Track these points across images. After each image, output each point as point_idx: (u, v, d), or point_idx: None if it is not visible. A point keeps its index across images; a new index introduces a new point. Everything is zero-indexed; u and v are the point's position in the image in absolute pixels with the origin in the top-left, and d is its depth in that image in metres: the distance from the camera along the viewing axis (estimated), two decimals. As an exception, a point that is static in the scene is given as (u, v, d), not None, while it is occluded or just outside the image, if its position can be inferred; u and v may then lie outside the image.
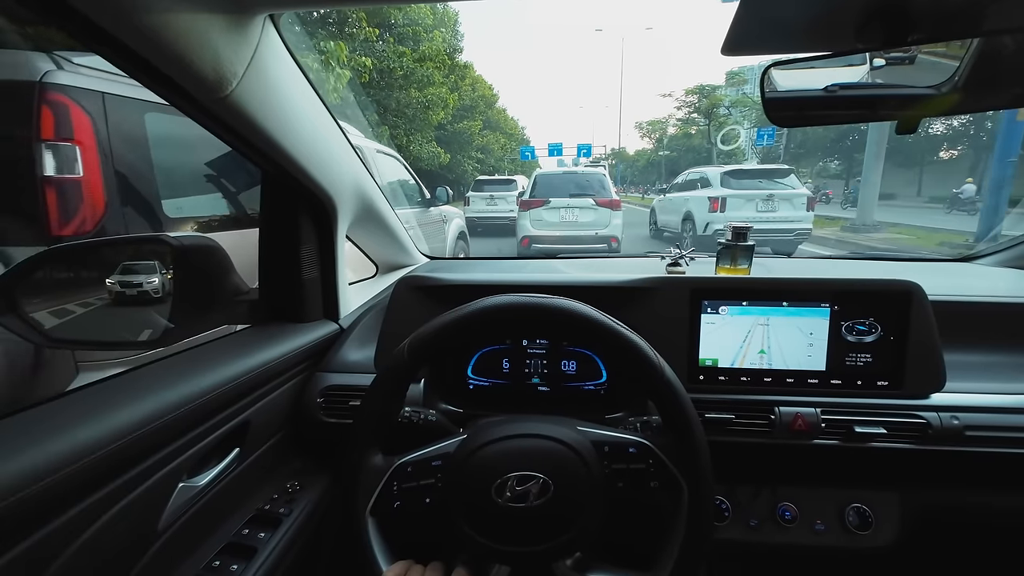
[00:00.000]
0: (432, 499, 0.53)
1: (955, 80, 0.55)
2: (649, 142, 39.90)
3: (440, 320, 0.56)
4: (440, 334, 0.56)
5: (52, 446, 0.42)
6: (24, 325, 0.72)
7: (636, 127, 38.78)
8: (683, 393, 0.53)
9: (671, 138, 34.93)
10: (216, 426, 0.63)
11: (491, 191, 9.91)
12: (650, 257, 1.28)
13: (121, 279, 0.94)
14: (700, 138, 29.21)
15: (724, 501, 0.79)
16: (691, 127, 31.31)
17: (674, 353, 0.76)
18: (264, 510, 0.71)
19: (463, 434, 0.56)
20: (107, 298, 0.93)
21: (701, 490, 0.51)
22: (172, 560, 0.59)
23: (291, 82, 0.68)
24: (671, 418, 0.53)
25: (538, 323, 0.56)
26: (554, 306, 0.55)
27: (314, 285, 0.90)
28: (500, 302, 0.56)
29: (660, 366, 0.53)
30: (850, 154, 24.41)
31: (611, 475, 0.53)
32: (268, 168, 0.75)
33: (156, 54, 0.48)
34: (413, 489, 0.53)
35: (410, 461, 0.55)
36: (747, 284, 0.78)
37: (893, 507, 0.77)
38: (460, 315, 0.56)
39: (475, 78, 25.58)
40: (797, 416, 0.72)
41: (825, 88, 0.61)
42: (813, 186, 18.12)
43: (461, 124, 23.51)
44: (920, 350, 0.73)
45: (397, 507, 0.53)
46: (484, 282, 0.87)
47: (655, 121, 37.05)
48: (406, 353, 0.55)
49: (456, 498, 0.52)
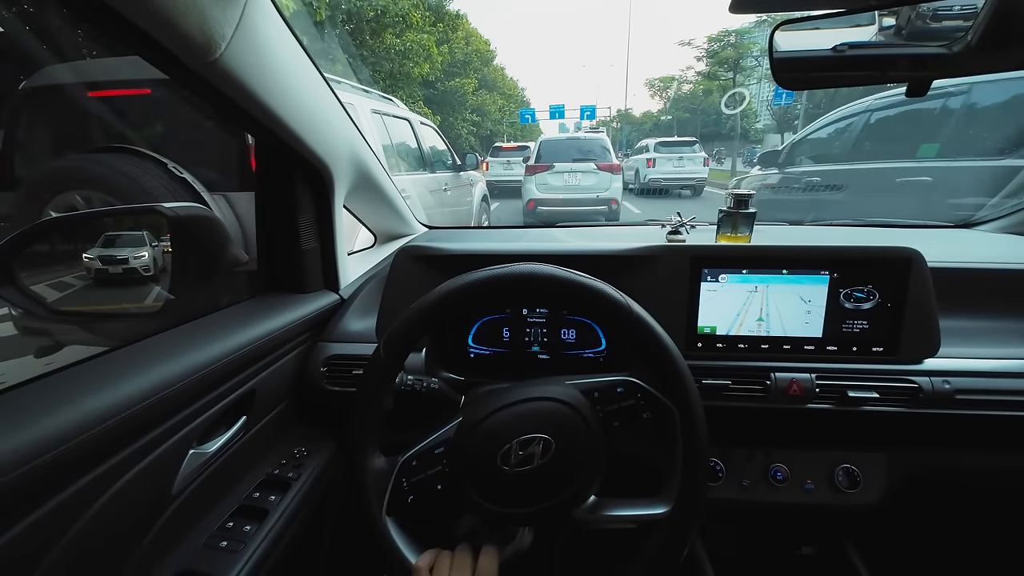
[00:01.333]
0: (443, 485, 0.54)
1: (967, 40, 0.53)
2: (660, 101, 35.88)
3: (407, 313, 0.57)
4: (409, 326, 0.56)
5: (65, 415, 0.43)
6: (24, 297, 0.72)
7: (647, 84, 35.20)
8: (654, 324, 0.54)
9: (685, 96, 30.71)
10: (223, 395, 0.64)
11: (507, 157, 11.22)
12: (650, 225, 1.27)
13: (102, 253, 0.84)
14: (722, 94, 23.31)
15: (718, 463, 0.82)
16: (712, 82, 26.33)
17: (673, 321, 0.77)
18: (273, 475, 0.73)
19: (458, 417, 0.57)
20: (86, 277, 0.83)
21: (691, 407, 0.52)
22: (188, 521, 0.61)
23: (281, 43, 0.65)
24: (647, 349, 0.54)
25: (501, 293, 0.56)
26: (510, 274, 0.55)
27: (313, 255, 0.90)
28: (453, 287, 0.56)
29: (627, 304, 0.54)
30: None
31: (606, 418, 0.55)
32: (262, 136, 0.73)
33: (142, 16, 0.46)
34: (422, 481, 0.54)
35: (414, 455, 0.56)
36: (748, 252, 0.78)
37: (881, 467, 0.79)
38: (424, 305, 0.56)
39: (469, 31, 23.21)
40: (792, 382, 0.74)
41: (833, 48, 0.59)
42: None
43: (453, 82, 21.21)
44: (916, 316, 0.74)
45: (411, 501, 0.54)
46: (484, 251, 0.87)
47: (668, 78, 33.29)
48: (382, 352, 0.56)
49: (466, 477, 0.53)
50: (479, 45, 25.03)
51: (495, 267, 0.56)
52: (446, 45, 18.44)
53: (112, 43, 0.51)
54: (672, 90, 33.05)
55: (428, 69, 14.80)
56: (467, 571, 0.51)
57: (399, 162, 3.40)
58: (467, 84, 22.09)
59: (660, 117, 37.58)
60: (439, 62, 16.52)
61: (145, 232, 0.87)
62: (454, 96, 21.63)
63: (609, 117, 39.59)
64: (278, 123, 0.69)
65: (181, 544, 0.60)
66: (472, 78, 23.30)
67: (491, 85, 28.18)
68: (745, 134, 28.29)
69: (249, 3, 0.55)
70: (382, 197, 1.18)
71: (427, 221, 1.48)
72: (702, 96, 27.56)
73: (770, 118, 25.54)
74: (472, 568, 0.51)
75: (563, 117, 25.17)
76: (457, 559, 0.52)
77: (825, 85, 0.69)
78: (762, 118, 26.61)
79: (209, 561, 0.58)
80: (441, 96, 20.98)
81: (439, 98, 20.90)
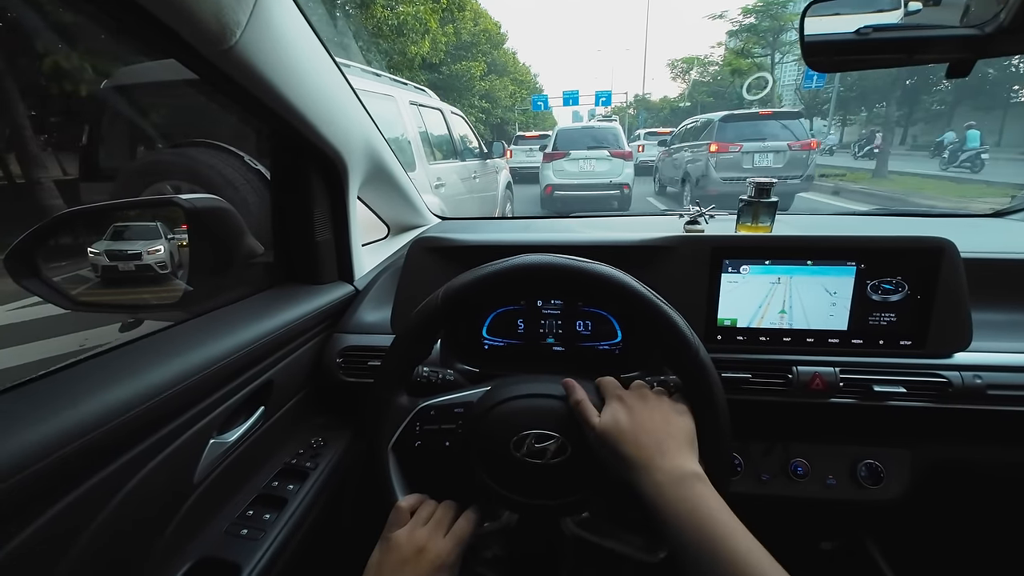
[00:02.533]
0: (451, 443, 0.55)
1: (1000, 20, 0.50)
2: (682, 84, 32.51)
3: (479, 271, 0.56)
4: (476, 285, 0.56)
5: (92, 404, 0.44)
6: (47, 288, 0.73)
7: (669, 65, 31.69)
8: (678, 317, 0.52)
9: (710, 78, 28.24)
10: (241, 385, 0.64)
11: (529, 145, 11.86)
12: (668, 215, 1.25)
13: (110, 247, 0.77)
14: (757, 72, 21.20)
15: (736, 456, 0.80)
16: (744, 60, 22.70)
17: (692, 313, 0.75)
18: (291, 464, 0.74)
19: (487, 386, 0.58)
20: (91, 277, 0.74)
21: (714, 401, 0.51)
22: (210, 509, 0.62)
23: (296, 32, 0.64)
24: (669, 343, 0.53)
25: (576, 287, 0.55)
26: (601, 273, 0.53)
27: (328, 247, 0.90)
28: (543, 261, 0.55)
29: (711, 373, 0.52)
30: (913, 98, 21.21)
31: None
32: (276, 126, 0.73)
33: (157, 4, 0.46)
34: (434, 432, 0.56)
35: (434, 405, 0.57)
36: (770, 242, 0.75)
37: (905, 462, 0.77)
38: (499, 268, 0.55)
39: (477, 10, 21.34)
40: (815, 375, 0.72)
41: (856, 31, 0.57)
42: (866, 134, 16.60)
43: (459, 65, 19.54)
44: (947, 309, 0.71)
45: (418, 446, 0.56)
46: (499, 242, 0.86)
47: (691, 58, 29.94)
48: (440, 299, 0.56)
49: (475, 445, 0.54)
50: (488, 25, 22.95)
51: (585, 261, 0.55)
52: (451, 25, 16.74)
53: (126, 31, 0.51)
54: (695, 72, 30.32)
55: (429, 48, 13.00)
56: (443, 527, 0.52)
57: (434, 151, 3.51)
58: (474, 68, 20.32)
59: (677, 103, 35.55)
60: (443, 43, 15.23)
61: (158, 223, 0.85)
62: (460, 80, 20.05)
63: (626, 103, 37.95)
64: (293, 113, 0.69)
65: (203, 531, 0.60)
66: (480, 61, 21.44)
67: (501, 70, 26.21)
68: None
69: None
70: (396, 188, 1.17)
71: (458, 208, 1.49)
72: (730, 77, 24.45)
73: (799, 102, 23.82)
74: (448, 525, 0.52)
75: (577, 103, 24.28)
76: (439, 511, 0.53)
77: (850, 68, 0.67)
78: (786, 103, 24.97)
79: (230, 548, 0.59)
80: (446, 80, 19.26)
81: (444, 83, 18.96)
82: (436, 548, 0.49)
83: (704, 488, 0.44)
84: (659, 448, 0.46)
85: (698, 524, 0.41)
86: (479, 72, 20.75)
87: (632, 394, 0.52)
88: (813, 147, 6.50)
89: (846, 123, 26.55)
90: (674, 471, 0.45)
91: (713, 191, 6.41)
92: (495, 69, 24.73)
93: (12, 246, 0.71)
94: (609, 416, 0.50)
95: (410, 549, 0.49)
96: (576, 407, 0.52)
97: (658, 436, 0.48)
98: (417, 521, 0.52)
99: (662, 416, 0.50)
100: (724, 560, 0.39)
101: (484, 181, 4.51)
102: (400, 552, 0.48)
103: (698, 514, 0.42)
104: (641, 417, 0.49)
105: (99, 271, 0.76)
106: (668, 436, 0.48)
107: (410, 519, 0.52)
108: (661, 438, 0.47)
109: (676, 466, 0.45)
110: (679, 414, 0.51)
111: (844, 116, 25.17)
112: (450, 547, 0.50)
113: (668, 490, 0.44)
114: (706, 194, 6.42)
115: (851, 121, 25.74)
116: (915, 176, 11.67)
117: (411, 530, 0.51)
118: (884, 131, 14.09)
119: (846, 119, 26.11)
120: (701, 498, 0.43)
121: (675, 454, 0.46)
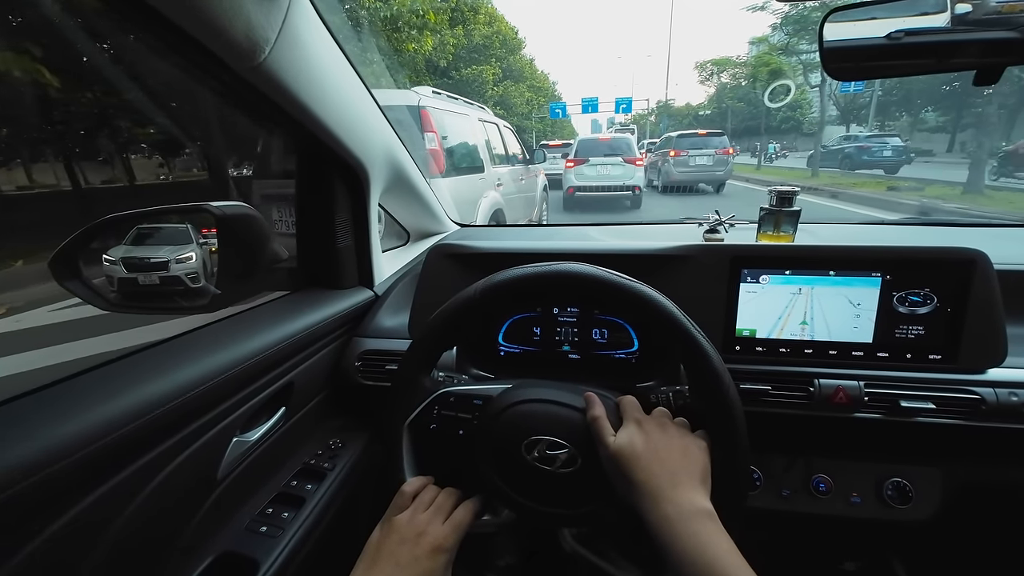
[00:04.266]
0: (465, 432, 0.56)
1: None
2: (711, 87, 29.30)
3: (518, 270, 0.57)
4: (515, 284, 0.57)
5: (123, 402, 0.46)
6: (88, 290, 0.78)
7: (697, 68, 28.54)
8: (692, 325, 0.52)
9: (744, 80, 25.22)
10: (264, 386, 0.67)
11: (552, 153, 12.36)
12: (686, 224, 1.23)
13: (128, 255, 0.67)
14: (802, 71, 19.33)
15: (756, 470, 0.78)
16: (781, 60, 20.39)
17: (710, 323, 0.74)
18: (310, 464, 0.75)
19: (508, 384, 0.59)
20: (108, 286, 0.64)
21: (731, 411, 0.50)
22: (231, 505, 0.64)
23: (322, 47, 0.67)
24: (683, 351, 0.52)
25: (607, 298, 0.55)
26: (633, 289, 0.54)
27: (349, 253, 0.92)
28: (581, 271, 0.55)
29: (727, 382, 0.51)
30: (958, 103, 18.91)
31: None
32: (301, 136, 0.76)
33: (191, 22, 0.49)
34: (451, 418, 0.57)
35: (454, 392, 0.58)
36: (792, 252, 0.74)
37: (935, 482, 0.74)
38: (537, 272, 0.56)
39: (493, 14, 20.14)
40: (838, 389, 0.70)
41: (887, 36, 0.55)
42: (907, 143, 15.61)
43: (470, 69, 18.50)
44: (980, 322, 0.69)
45: (432, 429, 0.57)
46: (517, 250, 0.86)
47: (724, 60, 26.79)
48: (478, 292, 0.57)
49: (487, 440, 0.54)
50: (502, 27, 21.50)
51: (617, 275, 0.55)
52: (460, 27, 16.09)
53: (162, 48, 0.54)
54: (726, 74, 27.62)
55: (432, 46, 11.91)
56: (444, 513, 0.53)
57: (494, 157, 4.35)
58: (486, 71, 19.19)
59: (698, 110, 33.38)
60: (451, 44, 14.59)
61: (189, 225, 0.83)
62: (470, 86, 18.72)
63: (647, 110, 36.95)
64: (318, 124, 0.71)
65: (225, 526, 0.63)
66: (494, 66, 20.44)
67: (518, 76, 25.11)
68: (798, 126, 25.63)
69: (292, 8, 0.57)
70: (416, 196, 1.19)
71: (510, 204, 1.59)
72: (767, 79, 22.34)
73: (833, 108, 22.38)
74: (449, 512, 0.53)
75: (596, 111, 23.61)
76: (440, 497, 0.54)
77: (879, 75, 0.65)
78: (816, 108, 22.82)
79: (250, 544, 0.61)
80: (456, 86, 17.31)
81: (453, 88, 17.47)
82: (434, 532, 0.50)
83: (714, 527, 0.43)
84: (672, 480, 0.46)
85: (705, 564, 0.40)
86: (492, 77, 19.89)
87: (652, 420, 0.52)
88: (729, 153, 10.30)
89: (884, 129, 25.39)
90: (684, 505, 0.44)
91: (674, 179, 10.36)
92: (511, 75, 24.00)
93: (57, 249, 0.75)
94: (625, 438, 0.49)
95: (410, 532, 0.50)
96: (593, 423, 0.52)
97: (673, 467, 0.47)
98: (419, 505, 0.53)
99: (680, 448, 0.49)
100: None
101: (528, 183, 5.38)
102: (400, 534, 0.50)
103: (706, 554, 0.40)
104: (657, 445, 0.49)
105: (114, 284, 0.63)
106: (683, 469, 0.47)
107: (411, 503, 0.54)
108: (675, 470, 0.47)
109: (687, 500, 0.44)
110: (697, 449, 0.50)
111: (883, 122, 24.01)
112: (447, 532, 0.51)
113: (677, 524, 0.43)
114: (669, 180, 10.37)
115: (890, 128, 24.49)
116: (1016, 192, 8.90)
117: (412, 514, 0.52)
118: (980, 135, 10.68)
119: (884, 125, 24.92)
120: (710, 536, 0.42)
121: (687, 488, 0.45)
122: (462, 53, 18.17)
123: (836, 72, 0.58)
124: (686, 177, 10.17)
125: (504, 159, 4.70)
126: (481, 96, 19.20)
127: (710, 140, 10.25)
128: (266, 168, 1.77)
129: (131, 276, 0.65)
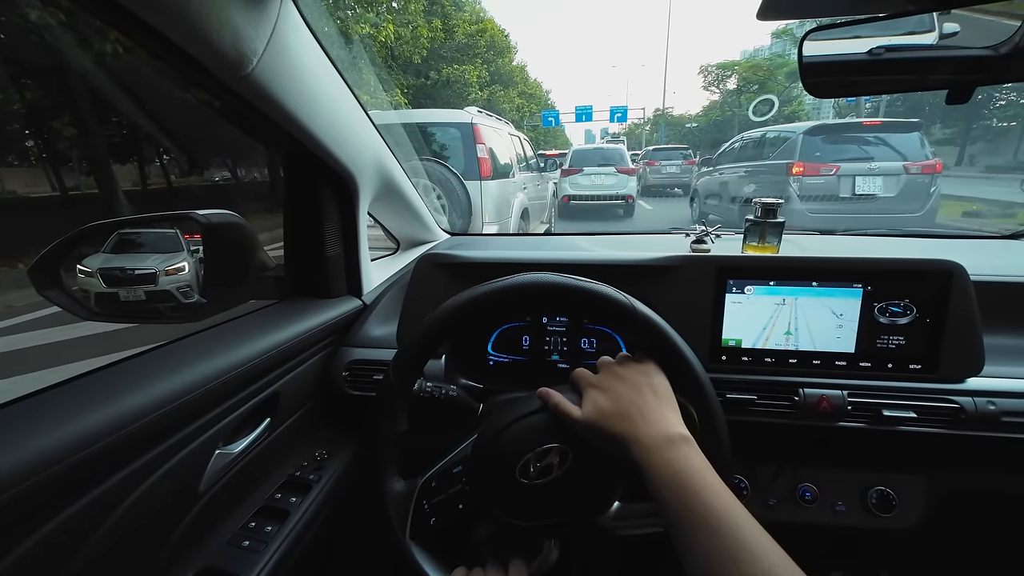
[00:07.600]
0: (464, 504, 0.54)
1: (1016, 41, 0.50)
2: (714, 94, 28.56)
3: (412, 336, 0.56)
4: (415, 349, 0.56)
5: (103, 412, 0.45)
6: (68, 298, 0.76)
7: (701, 72, 27.64)
8: (662, 323, 0.52)
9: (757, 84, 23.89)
10: (248, 397, 0.66)
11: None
12: (674, 234, 1.25)
13: (106, 266, 0.64)
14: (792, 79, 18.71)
15: (743, 480, 0.79)
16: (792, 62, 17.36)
17: (696, 332, 0.75)
18: (295, 476, 0.74)
19: (474, 434, 0.57)
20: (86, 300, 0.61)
21: (708, 404, 0.50)
22: (213, 519, 0.63)
23: (311, 57, 0.67)
24: (656, 348, 0.52)
25: (506, 305, 0.55)
26: (512, 286, 0.54)
27: (337, 261, 0.92)
28: (455, 304, 0.55)
29: (630, 304, 0.52)
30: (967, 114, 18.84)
31: None
32: (290, 146, 0.76)
33: (177, 32, 0.49)
34: (443, 502, 0.54)
35: (433, 476, 0.56)
36: (776, 263, 0.75)
37: (919, 491, 0.75)
38: (428, 325, 0.55)
39: (479, 13, 19.27)
40: (822, 398, 0.71)
41: (869, 51, 0.56)
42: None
43: (450, 68, 16.79)
44: (958, 333, 0.70)
45: (434, 523, 0.54)
46: (505, 259, 0.87)
47: (729, 63, 26.22)
48: (392, 376, 0.56)
49: (486, 494, 0.52)
50: (488, 25, 19.83)
51: (496, 280, 0.55)
52: (438, 20, 15.08)
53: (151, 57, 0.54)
54: (733, 79, 26.17)
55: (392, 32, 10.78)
56: None
57: (517, 164, 5.03)
58: (470, 72, 17.20)
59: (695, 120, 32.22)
60: (425, 37, 13.63)
61: (177, 231, 0.79)
62: (451, 87, 17.25)
63: (643, 119, 35.68)
64: (306, 134, 0.71)
65: (206, 541, 0.61)
66: (479, 67, 18.55)
67: (507, 80, 23.50)
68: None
69: (280, 20, 0.57)
70: (405, 204, 1.19)
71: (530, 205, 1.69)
72: (784, 83, 21.85)
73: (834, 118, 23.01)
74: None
75: (590, 119, 23.28)
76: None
77: (859, 92, 0.66)
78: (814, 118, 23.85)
79: (232, 559, 0.59)
80: (434, 89, 16.82)
81: (432, 91, 16.76)
82: None
83: (688, 448, 0.44)
84: (642, 416, 0.47)
85: (679, 483, 0.41)
86: (476, 79, 18.13)
87: (603, 375, 0.52)
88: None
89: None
90: (659, 436, 0.45)
91: (650, 183, 11.48)
92: (500, 80, 22.65)
93: (38, 258, 0.74)
94: (589, 404, 0.50)
95: None
96: (556, 410, 0.51)
97: (638, 403, 0.48)
98: None
99: (635, 382, 0.50)
100: (698, 515, 0.39)
101: (542, 188, 6.32)
102: None
103: (680, 474, 0.42)
104: (617, 392, 0.49)
105: (91, 300, 0.56)
106: (646, 402, 0.48)
107: None
108: (641, 404, 0.48)
109: (660, 431, 0.45)
110: (654, 376, 0.51)
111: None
112: None
113: (655, 455, 0.44)
114: (646, 184, 11.38)
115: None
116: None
117: None
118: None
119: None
120: (685, 458, 0.43)
121: (657, 418, 0.47)
122: (442, 51, 16.87)
123: (815, 87, 0.59)
124: (659, 181, 12.65)
125: (526, 167, 5.57)
126: (464, 99, 17.91)
127: (675, 153, 13.08)
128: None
129: (111, 291, 0.57)
